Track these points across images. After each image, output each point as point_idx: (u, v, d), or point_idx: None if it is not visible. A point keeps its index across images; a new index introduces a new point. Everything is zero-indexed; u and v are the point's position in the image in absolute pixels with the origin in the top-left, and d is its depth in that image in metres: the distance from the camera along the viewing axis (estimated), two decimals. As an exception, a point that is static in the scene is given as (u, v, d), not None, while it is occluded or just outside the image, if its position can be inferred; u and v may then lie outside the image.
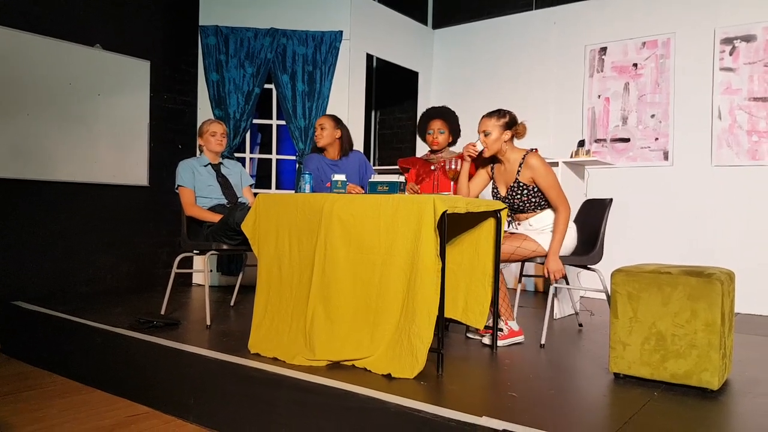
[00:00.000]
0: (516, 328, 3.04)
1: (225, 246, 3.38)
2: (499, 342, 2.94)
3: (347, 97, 4.95)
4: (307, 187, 2.92)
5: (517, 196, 2.99)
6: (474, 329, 3.10)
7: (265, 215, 2.84)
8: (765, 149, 4.31)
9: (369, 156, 6.25)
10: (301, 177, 2.96)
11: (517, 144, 3.11)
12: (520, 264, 3.74)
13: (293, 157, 4.98)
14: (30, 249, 4.13)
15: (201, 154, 3.79)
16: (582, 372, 2.60)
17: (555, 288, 3.09)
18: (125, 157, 4.66)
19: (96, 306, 3.81)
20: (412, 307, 2.36)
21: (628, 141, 4.89)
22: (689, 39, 4.65)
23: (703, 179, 4.53)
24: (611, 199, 3.19)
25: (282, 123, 4.98)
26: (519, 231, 3.12)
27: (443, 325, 2.47)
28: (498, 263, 2.86)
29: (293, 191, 4.49)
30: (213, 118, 4.10)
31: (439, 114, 3.45)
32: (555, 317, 3.77)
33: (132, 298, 4.25)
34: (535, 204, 3.01)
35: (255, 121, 5.05)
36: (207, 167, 3.70)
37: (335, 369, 2.45)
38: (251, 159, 5.22)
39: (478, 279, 2.88)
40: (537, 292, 5.00)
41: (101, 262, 4.55)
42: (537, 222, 3.04)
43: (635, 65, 4.87)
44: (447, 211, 2.37)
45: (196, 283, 5.02)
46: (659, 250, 4.62)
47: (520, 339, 3.04)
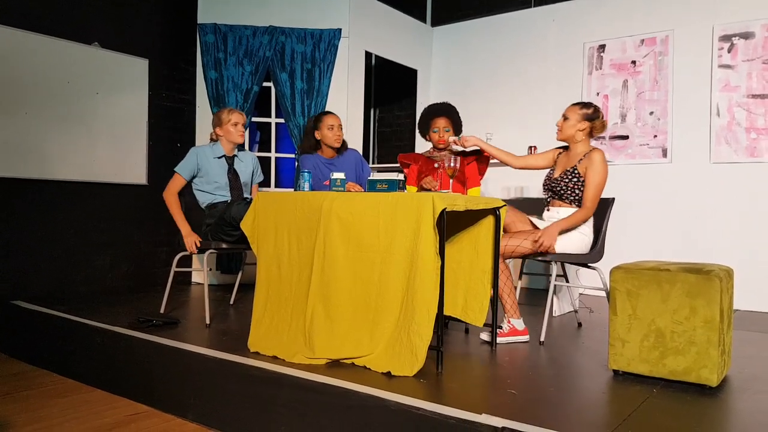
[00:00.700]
0: (520, 327, 3.01)
1: (224, 245, 3.38)
2: (498, 339, 2.94)
3: (346, 95, 4.94)
4: (306, 186, 2.92)
5: (566, 180, 3.06)
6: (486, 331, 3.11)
7: (264, 213, 2.84)
8: (763, 146, 4.32)
9: (368, 154, 6.24)
10: (300, 175, 2.95)
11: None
12: (520, 261, 3.75)
13: (292, 156, 4.98)
14: (29, 248, 4.13)
15: (216, 142, 3.62)
16: (581, 369, 2.60)
17: (555, 285, 3.09)
18: (124, 156, 4.66)
19: (95, 305, 3.81)
20: (411, 305, 2.36)
21: (626, 138, 4.89)
22: (688, 36, 4.65)
23: (702, 176, 4.54)
24: (613, 199, 3.20)
25: (281, 121, 4.97)
26: (545, 218, 3.15)
27: (443, 323, 2.48)
28: (497, 261, 2.86)
29: (292, 189, 4.49)
30: (228, 107, 3.77)
31: (444, 111, 3.42)
32: (554, 314, 3.78)
33: (131, 297, 4.25)
34: (576, 197, 3.05)
35: (254, 120, 5.05)
36: (221, 159, 3.57)
37: (335, 367, 2.45)
38: (250, 157, 5.21)
39: (477, 277, 2.88)
40: (537, 289, 5.00)
41: (100, 261, 4.55)
42: (565, 215, 3.07)
43: (634, 62, 4.87)
44: (446, 209, 2.37)
45: (195, 282, 5.02)
46: (658, 247, 4.63)
47: (522, 339, 3.01)
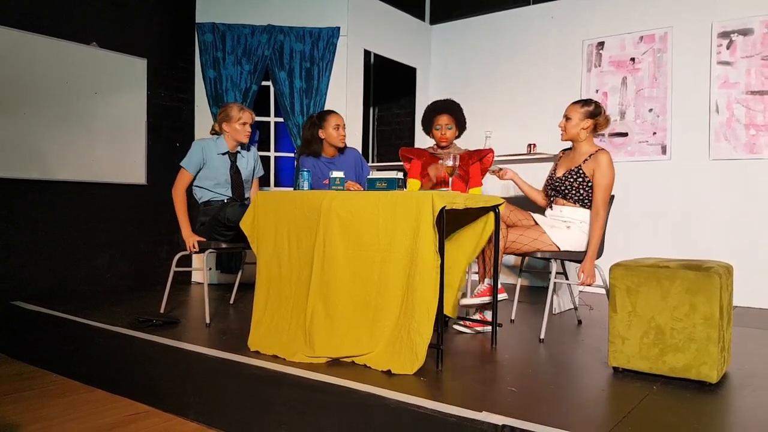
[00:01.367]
0: (489, 285, 3.01)
1: (223, 244, 3.37)
2: (475, 299, 2.97)
3: (345, 94, 4.94)
4: (306, 185, 2.92)
5: (570, 180, 3.06)
6: (460, 323, 3.15)
7: (264, 213, 2.84)
8: (762, 143, 4.32)
9: (367, 152, 6.24)
10: (300, 174, 2.95)
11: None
12: (521, 259, 3.75)
13: (291, 155, 4.98)
14: (29, 249, 4.12)
15: (219, 136, 3.54)
16: (581, 366, 2.61)
17: (555, 283, 3.10)
18: (123, 156, 4.66)
19: (95, 305, 3.81)
20: (411, 304, 2.36)
21: (626, 135, 4.89)
22: (686, 33, 4.64)
23: (701, 173, 4.54)
24: (613, 196, 3.20)
25: (280, 120, 4.97)
26: (547, 216, 3.16)
27: (442, 321, 2.48)
28: (497, 258, 2.87)
29: (292, 189, 4.49)
30: (236, 104, 3.59)
31: (446, 108, 3.41)
32: (554, 312, 3.78)
33: (131, 296, 4.25)
34: (580, 197, 3.06)
35: (253, 119, 5.05)
36: (224, 156, 3.53)
37: (335, 366, 2.45)
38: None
39: (456, 271, 2.90)
40: (537, 287, 5.00)
41: (100, 261, 4.55)
42: (569, 213, 3.08)
43: (633, 60, 4.87)
44: (445, 207, 2.37)
45: (195, 282, 5.03)
46: (657, 244, 4.63)
47: (501, 296, 2.99)
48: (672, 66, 4.70)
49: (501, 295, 3.02)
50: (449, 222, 2.80)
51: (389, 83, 6.21)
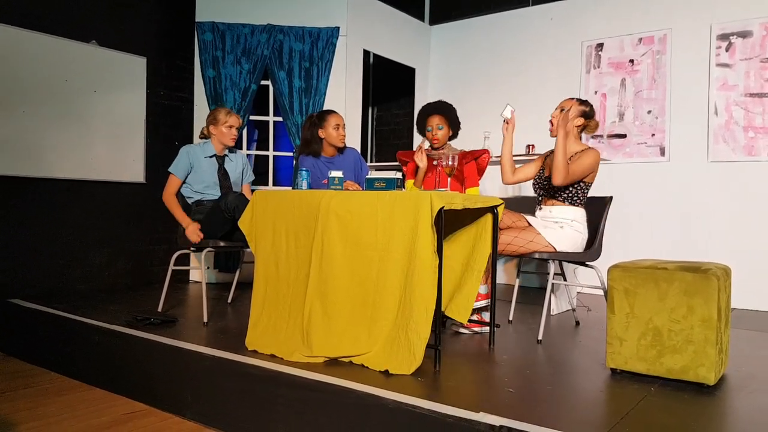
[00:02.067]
0: (483, 291, 3.03)
1: (221, 242, 3.37)
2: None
3: (344, 94, 4.94)
4: (304, 184, 2.91)
5: None
6: (459, 323, 3.13)
7: (262, 212, 2.84)
8: (761, 145, 4.32)
9: (366, 152, 6.24)
10: (298, 173, 2.95)
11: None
12: (518, 260, 3.75)
13: (290, 154, 4.98)
14: (26, 246, 4.12)
15: (206, 141, 3.62)
16: (579, 367, 2.61)
17: (552, 284, 3.10)
18: (122, 154, 4.65)
19: (93, 303, 3.81)
20: (409, 304, 2.36)
21: (624, 137, 4.89)
22: (686, 35, 4.65)
23: (700, 175, 4.54)
24: (611, 197, 3.20)
25: (279, 119, 4.97)
26: (537, 216, 3.17)
27: (440, 321, 2.48)
28: (495, 259, 2.87)
29: (290, 188, 4.48)
30: (226, 107, 3.76)
31: (436, 109, 3.45)
32: (552, 313, 3.78)
33: (129, 295, 4.24)
34: (569, 194, 3.07)
35: (252, 118, 5.04)
36: (211, 159, 3.58)
37: (333, 365, 2.45)
38: (248, 156, 5.21)
39: (470, 274, 2.89)
40: (535, 288, 5.00)
41: (98, 259, 4.54)
42: (559, 213, 3.08)
43: (632, 61, 4.88)
44: (444, 207, 2.37)
45: (193, 280, 5.02)
46: (655, 245, 4.63)
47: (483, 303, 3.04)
48: (671, 68, 4.71)
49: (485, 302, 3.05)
50: (448, 222, 2.80)
51: (388, 83, 6.21)
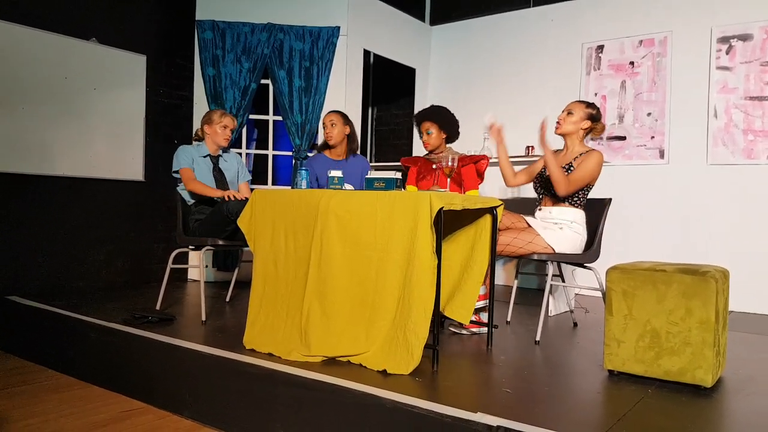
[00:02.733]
0: (482, 291, 3.04)
1: (220, 241, 3.37)
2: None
3: (344, 94, 4.94)
4: (304, 183, 2.91)
5: None
6: (458, 323, 3.13)
7: (261, 211, 2.84)
8: (760, 148, 4.33)
9: (365, 152, 6.24)
10: (297, 173, 2.95)
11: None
12: (517, 261, 3.76)
13: (290, 153, 4.98)
14: (25, 244, 4.11)
15: (200, 142, 3.69)
16: (577, 369, 2.61)
17: (551, 285, 3.10)
18: (121, 152, 4.65)
19: (91, 301, 3.81)
20: (408, 304, 2.36)
21: (624, 139, 4.89)
22: (686, 37, 4.66)
23: (699, 178, 4.55)
24: (610, 199, 3.20)
25: (278, 119, 4.97)
26: (537, 217, 3.17)
27: (439, 322, 2.48)
28: (494, 260, 2.87)
29: (290, 187, 4.48)
30: (220, 108, 3.91)
31: (424, 116, 3.45)
32: (550, 314, 3.78)
33: (127, 293, 4.24)
34: (569, 196, 3.06)
35: (251, 117, 5.04)
36: (206, 158, 3.64)
37: (331, 365, 2.45)
38: (247, 155, 5.21)
39: (470, 275, 2.89)
40: (533, 289, 5.00)
41: (96, 257, 4.54)
42: (558, 214, 3.08)
43: (632, 63, 4.88)
44: (443, 208, 2.37)
45: (191, 279, 5.02)
46: (654, 247, 4.64)
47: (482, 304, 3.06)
48: (671, 70, 4.71)
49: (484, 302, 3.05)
50: (447, 223, 2.80)
51: (388, 83, 6.21)
